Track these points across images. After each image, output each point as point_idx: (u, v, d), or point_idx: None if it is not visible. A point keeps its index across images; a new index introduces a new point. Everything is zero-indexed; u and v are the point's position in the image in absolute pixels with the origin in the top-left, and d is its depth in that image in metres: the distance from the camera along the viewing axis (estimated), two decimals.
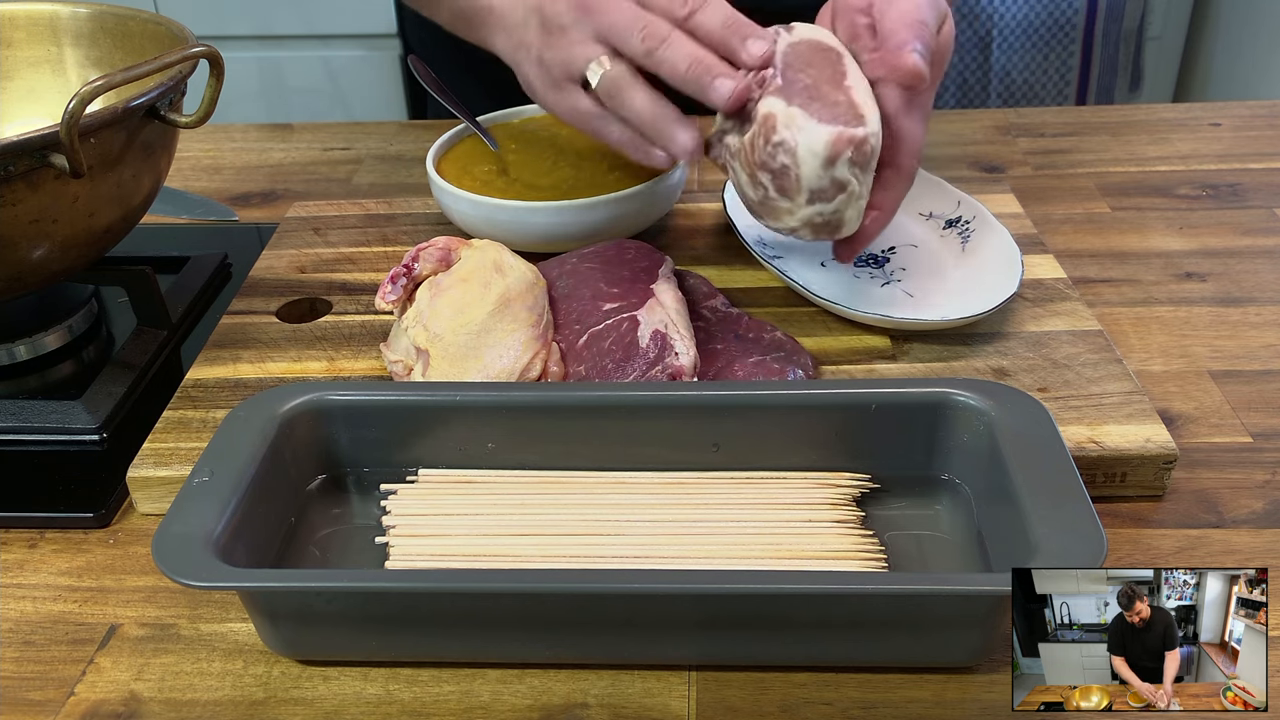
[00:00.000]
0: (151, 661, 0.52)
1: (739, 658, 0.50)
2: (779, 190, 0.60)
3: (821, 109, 0.60)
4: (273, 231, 0.83)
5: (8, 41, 0.78)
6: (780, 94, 0.60)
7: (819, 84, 0.61)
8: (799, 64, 0.62)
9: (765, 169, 0.60)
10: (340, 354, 0.68)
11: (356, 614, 0.49)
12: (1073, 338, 0.66)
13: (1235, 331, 0.71)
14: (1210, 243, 0.81)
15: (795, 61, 0.62)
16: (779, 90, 0.60)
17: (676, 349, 0.60)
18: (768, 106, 0.60)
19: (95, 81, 0.58)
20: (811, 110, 0.59)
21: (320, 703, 0.49)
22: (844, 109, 0.60)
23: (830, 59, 0.63)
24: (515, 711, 0.48)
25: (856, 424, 0.56)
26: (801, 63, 0.62)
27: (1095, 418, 0.60)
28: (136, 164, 0.66)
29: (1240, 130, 0.98)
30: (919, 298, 0.69)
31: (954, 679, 0.49)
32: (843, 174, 0.59)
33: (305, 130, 1.05)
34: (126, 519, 0.60)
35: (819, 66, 0.63)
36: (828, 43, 0.64)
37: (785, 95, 0.60)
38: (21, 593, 0.56)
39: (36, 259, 0.64)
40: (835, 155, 0.58)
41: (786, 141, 0.59)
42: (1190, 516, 0.57)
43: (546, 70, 0.67)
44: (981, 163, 0.94)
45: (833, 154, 0.58)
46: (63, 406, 0.65)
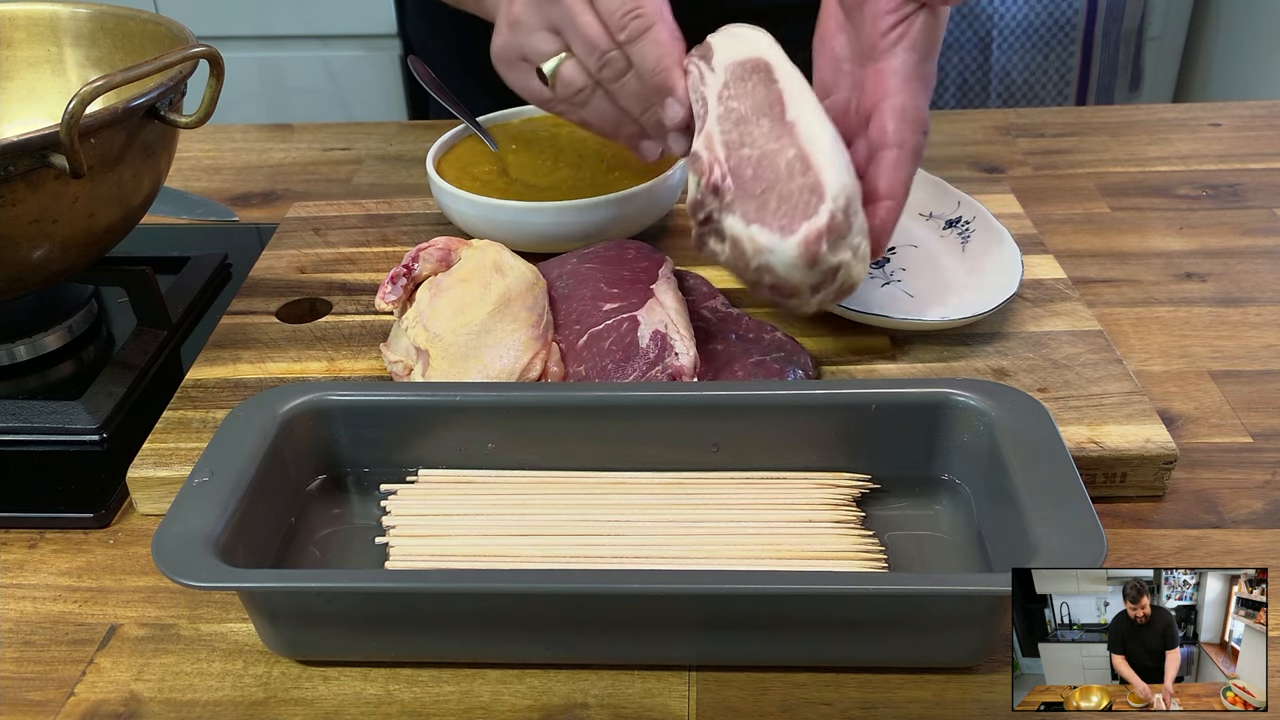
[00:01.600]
0: (151, 662, 0.52)
1: (739, 658, 0.50)
2: (784, 295, 0.60)
3: (779, 206, 0.58)
4: (273, 231, 0.83)
5: (8, 41, 0.78)
6: (736, 208, 0.59)
7: (766, 151, 0.60)
8: (737, 120, 0.62)
9: (760, 285, 0.60)
10: (340, 354, 0.68)
11: (356, 614, 0.49)
12: (1073, 338, 0.66)
13: (1235, 331, 0.71)
14: (1210, 243, 0.81)
15: (732, 116, 0.62)
16: (733, 201, 0.59)
17: (676, 349, 0.60)
18: (731, 229, 0.60)
19: (95, 81, 0.58)
20: (769, 220, 0.58)
21: (320, 703, 0.49)
22: (800, 186, 0.58)
23: (762, 86, 0.62)
24: (515, 711, 0.48)
25: (856, 424, 0.56)
26: (738, 118, 0.62)
27: (1095, 418, 0.60)
28: (136, 164, 0.66)
29: (1240, 130, 0.98)
30: (919, 298, 0.69)
31: (954, 679, 0.49)
32: (831, 260, 0.58)
33: (305, 130, 1.05)
34: (126, 519, 0.60)
35: (756, 109, 0.62)
36: (754, 58, 0.63)
37: (741, 209, 0.59)
38: (21, 593, 0.56)
39: (36, 259, 0.64)
40: (814, 255, 0.57)
41: (765, 264, 0.59)
42: (1190, 516, 0.57)
43: (505, 44, 0.68)
44: (981, 163, 0.94)
45: (811, 257, 0.57)
46: (63, 406, 0.65)
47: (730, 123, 0.62)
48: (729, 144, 0.61)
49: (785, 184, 0.59)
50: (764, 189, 0.59)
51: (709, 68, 0.64)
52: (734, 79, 0.63)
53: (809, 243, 0.57)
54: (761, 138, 0.61)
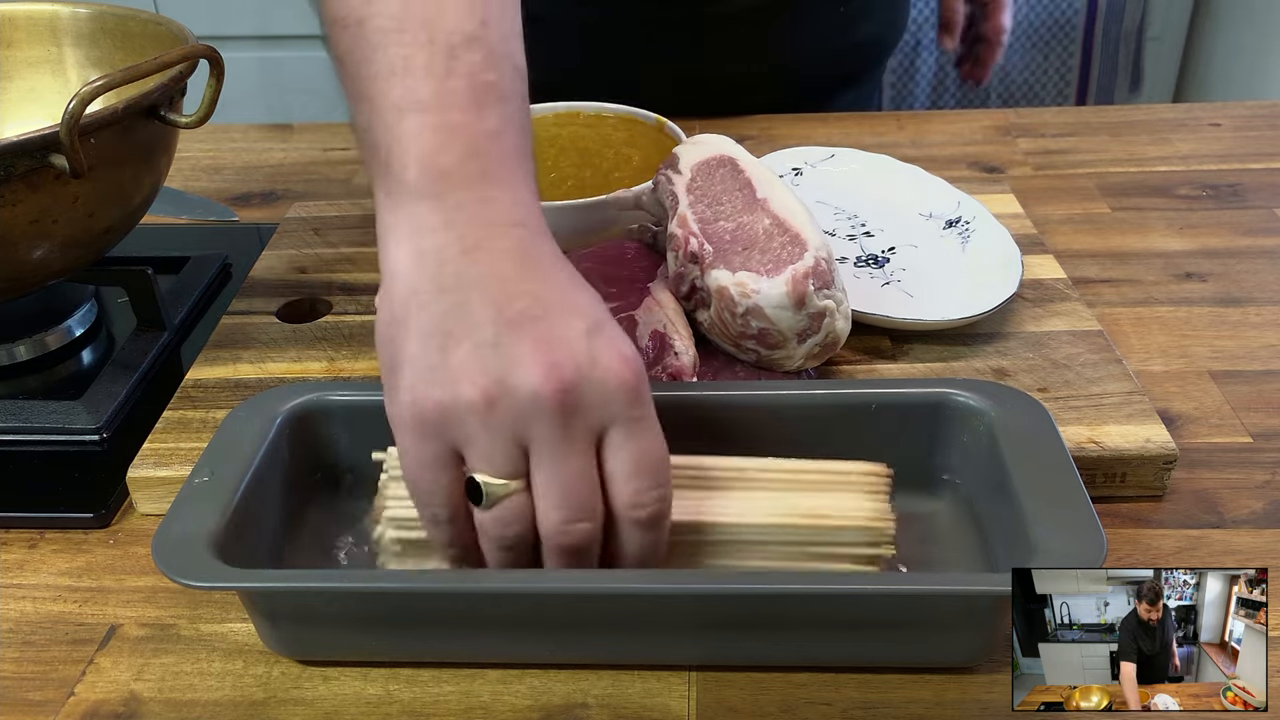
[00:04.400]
0: (151, 662, 0.52)
1: (739, 658, 0.50)
2: (769, 348, 0.61)
3: (762, 257, 0.60)
4: (273, 231, 0.83)
5: (8, 41, 0.78)
6: (720, 261, 0.61)
7: (741, 222, 0.62)
8: (710, 201, 0.64)
9: (746, 337, 0.61)
10: (340, 354, 0.68)
11: (356, 614, 0.49)
12: (1073, 338, 0.66)
13: (1235, 331, 0.71)
14: (1210, 243, 0.81)
15: (704, 200, 0.64)
16: (715, 260, 0.61)
17: (676, 349, 0.60)
18: (715, 281, 0.60)
19: (95, 81, 0.58)
20: (754, 264, 0.60)
21: (320, 703, 0.49)
22: (781, 243, 0.60)
23: (730, 176, 0.65)
24: (515, 711, 0.48)
25: (856, 424, 0.56)
26: (711, 200, 0.64)
27: (1095, 418, 0.60)
28: (136, 164, 0.66)
29: (1240, 130, 0.98)
30: (919, 298, 0.69)
31: (954, 679, 0.49)
32: (817, 305, 0.59)
33: (305, 130, 1.05)
34: (126, 519, 0.60)
35: (726, 191, 0.64)
36: (718, 155, 0.66)
37: (724, 260, 0.61)
38: (21, 593, 0.56)
39: (36, 259, 0.64)
40: (802, 295, 0.58)
41: (753, 306, 0.59)
42: (1190, 516, 0.57)
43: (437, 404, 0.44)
44: (981, 163, 0.94)
45: (799, 296, 0.58)
46: (63, 406, 0.65)
47: (703, 205, 0.64)
48: (703, 219, 0.63)
49: (765, 243, 0.61)
50: (745, 248, 0.61)
51: (676, 171, 0.66)
52: (701, 174, 0.66)
53: (797, 280, 0.58)
54: (735, 212, 0.63)
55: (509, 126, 0.47)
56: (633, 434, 0.44)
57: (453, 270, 0.44)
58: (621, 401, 0.43)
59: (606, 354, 0.43)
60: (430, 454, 0.44)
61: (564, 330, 0.43)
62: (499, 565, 0.46)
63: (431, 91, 0.46)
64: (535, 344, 0.42)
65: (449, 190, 0.45)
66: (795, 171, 0.82)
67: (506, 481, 0.44)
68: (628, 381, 0.43)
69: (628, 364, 0.43)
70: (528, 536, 0.45)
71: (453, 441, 0.44)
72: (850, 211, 0.78)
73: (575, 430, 0.43)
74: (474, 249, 0.44)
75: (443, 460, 0.44)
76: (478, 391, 0.42)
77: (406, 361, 0.44)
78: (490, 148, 0.46)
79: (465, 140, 0.46)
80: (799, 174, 0.82)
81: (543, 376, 0.42)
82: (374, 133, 0.48)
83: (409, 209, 0.46)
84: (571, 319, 0.44)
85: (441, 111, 0.46)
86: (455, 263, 0.44)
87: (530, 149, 0.49)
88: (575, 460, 0.43)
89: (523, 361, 0.42)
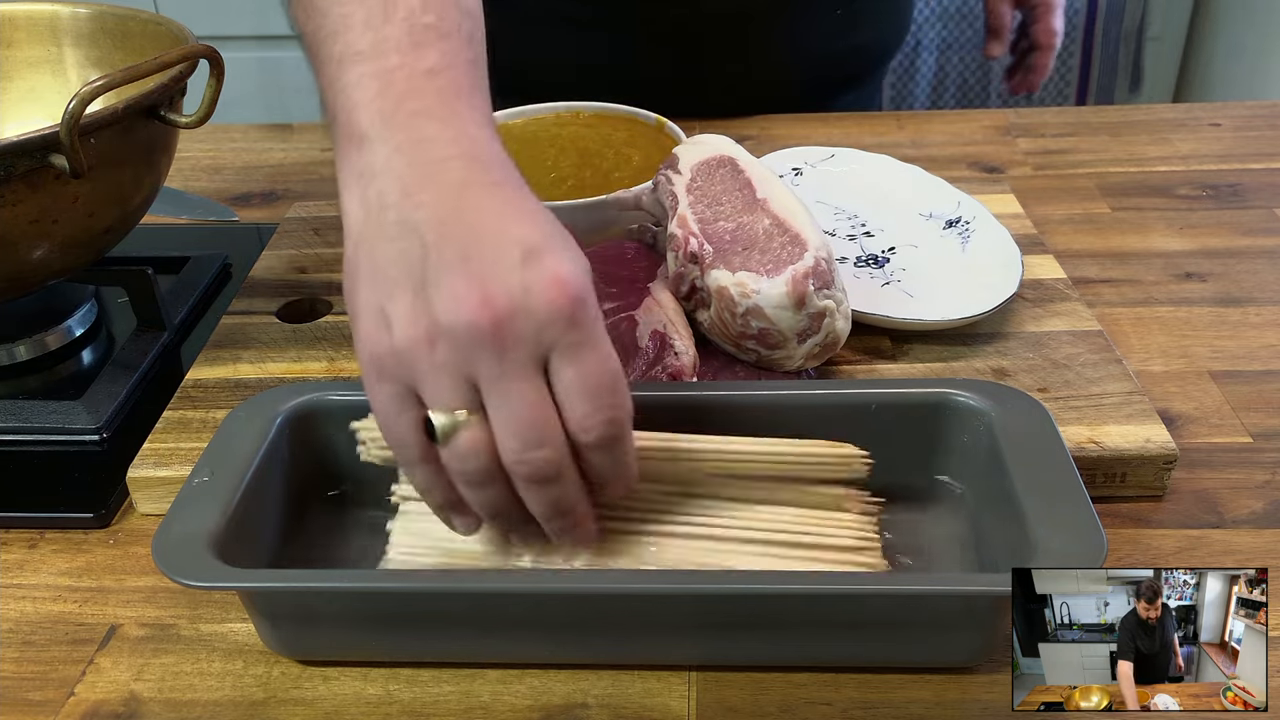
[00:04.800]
0: (151, 662, 0.52)
1: (739, 658, 0.50)
2: (768, 348, 0.61)
3: (762, 257, 0.60)
4: (273, 232, 0.83)
5: (8, 41, 0.78)
6: (720, 261, 0.61)
7: (741, 222, 0.62)
8: (710, 201, 0.64)
9: (746, 337, 0.61)
10: (340, 354, 0.68)
11: (356, 614, 0.49)
12: (1073, 338, 0.66)
13: (1235, 331, 0.71)
14: (1210, 243, 0.81)
15: (704, 200, 0.64)
16: (715, 260, 0.61)
17: (676, 348, 0.60)
18: (715, 281, 0.60)
19: (95, 81, 0.58)
20: (754, 264, 0.60)
21: (320, 703, 0.49)
22: (781, 243, 0.60)
23: (730, 176, 0.65)
24: (515, 711, 0.48)
25: (856, 424, 0.56)
26: (710, 200, 0.64)
27: (1095, 418, 0.60)
28: (136, 164, 0.66)
29: (1240, 130, 0.98)
30: (919, 298, 0.69)
31: (954, 679, 0.49)
32: (817, 305, 0.59)
33: (305, 130, 1.05)
34: (126, 519, 0.60)
35: (726, 191, 0.64)
36: (718, 155, 0.67)
37: (724, 260, 0.61)
38: (21, 593, 0.56)
39: (36, 259, 0.64)
40: (802, 295, 0.58)
41: (753, 306, 0.59)
42: (1190, 516, 0.57)
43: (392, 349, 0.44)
44: (981, 163, 0.94)
45: (799, 296, 0.58)
46: (63, 406, 0.65)
47: (703, 205, 0.64)
48: (702, 219, 0.63)
49: (765, 243, 0.61)
50: (745, 248, 0.61)
51: (675, 171, 0.66)
52: (701, 174, 0.66)
53: (797, 280, 0.58)
54: (735, 212, 0.63)
55: (453, 63, 0.48)
56: (572, 358, 0.43)
57: (395, 216, 0.45)
58: (558, 327, 0.43)
59: (540, 280, 0.43)
60: (388, 396, 0.45)
61: (498, 262, 0.43)
62: (478, 507, 0.46)
63: (369, 42, 0.47)
64: (468, 280, 0.43)
65: (389, 134, 0.46)
66: (795, 171, 0.82)
67: (454, 414, 0.44)
68: (562, 307, 0.43)
69: (563, 288, 0.43)
70: (493, 471, 0.45)
71: (407, 382, 0.44)
72: (850, 211, 0.78)
73: (516, 360, 0.43)
74: (415, 191, 0.45)
75: (401, 401, 0.45)
76: (420, 331, 0.43)
77: (361, 310, 0.45)
78: (427, 85, 0.47)
79: (403, 82, 0.47)
80: (799, 174, 0.82)
81: (476, 311, 0.42)
82: (325, 94, 0.49)
83: (353, 159, 0.47)
84: (509, 249, 0.43)
85: (378, 58, 0.47)
86: (397, 208, 0.45)
87: (482, 82, 0.49)
88: (521, 388, 0.43)
89: (457, 298, 0.43)
